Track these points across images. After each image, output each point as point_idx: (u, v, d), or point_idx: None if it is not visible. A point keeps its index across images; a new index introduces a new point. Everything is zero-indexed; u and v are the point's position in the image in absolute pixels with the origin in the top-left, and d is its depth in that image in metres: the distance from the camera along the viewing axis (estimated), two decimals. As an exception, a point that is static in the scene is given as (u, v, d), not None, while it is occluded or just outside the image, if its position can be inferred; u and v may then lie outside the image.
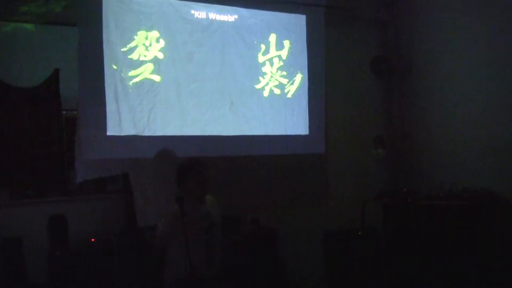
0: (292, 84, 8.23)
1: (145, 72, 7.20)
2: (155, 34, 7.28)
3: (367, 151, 8.71)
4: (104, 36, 6.97)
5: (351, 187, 8.54)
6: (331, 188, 8.56)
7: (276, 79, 8.10)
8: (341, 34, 8.78)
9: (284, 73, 8.18)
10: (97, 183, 7.36)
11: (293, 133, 8.23)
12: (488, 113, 7.53)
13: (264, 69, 8.03)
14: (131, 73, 7.12)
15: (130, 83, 7.11)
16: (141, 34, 7.20)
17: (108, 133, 6.97)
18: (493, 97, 7.48)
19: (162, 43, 7.32)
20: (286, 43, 8.22)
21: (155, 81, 7.26)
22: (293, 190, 8.06)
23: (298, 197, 8.13)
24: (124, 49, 7.10)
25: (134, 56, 7.15)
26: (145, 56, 7.21)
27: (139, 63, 7.18)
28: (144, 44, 7.21)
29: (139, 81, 7.16)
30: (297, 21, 8.33)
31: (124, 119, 7.06)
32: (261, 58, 8.01)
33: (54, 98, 7.17)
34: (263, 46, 8.02)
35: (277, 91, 8.10)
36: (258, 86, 7.97)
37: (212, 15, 7.69)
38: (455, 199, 7.26)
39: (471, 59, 7.79)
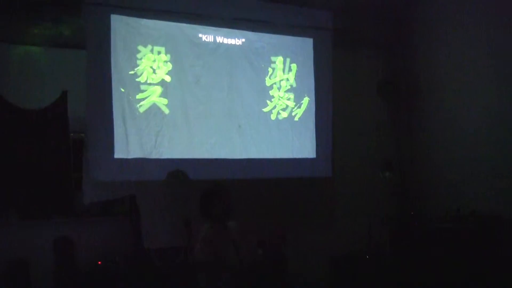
0: (299, 107, 8.28)
1: (153, 95, 7.27)
2: (162, 57, 7.38)
3: (374, 174, 8.63)
4: (112, 59, 7.08)
5: (358, 211, 8.46)
6: (338, 212, 8.56)
7: (283, 102, 8.15)
8: (348, 57, 8.82)
9: (291, 96, 8.23)
10: (104, 205, 7.37)
11: (300, 156, 8.24)
12: (498, 136, 7.49)
13: (271, 92, 8.09)
14: (139, 96, 7.21)
15: (138, 105, 7.19)
16: (149, 57, 7.30)
17: (115, 156, 7.05)
18: (503, 120, 7.46)
19: (169, 66, 7.41)
20: (293, 67, 8.27)
21: (163, 104, 7.33)
22: (299, 213, 8.03)
23: (304, 220, 8.10)
24: (132, 72, 7.19)
25: (141, 79, 7.25)
26: (152, 79, 7.30)
27: (147, 86, 7.27)
28: (151, 67, 7.31)
29: (147, 104, 7.23)
30: (304, 45, 8.39)
31: (132, 142, 7.13)
32: (268, 81, 8.07)
33: (62, 120, 7.18)
34: (270, 70, 8.10)
35: (284, 114, 8.14)
36: (265, 109, 8.02)
37: (219, 39, 7.78)
38: (462, 222, 7.21)
39: (478, 81, 7.78)
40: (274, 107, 8.08)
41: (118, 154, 7.06)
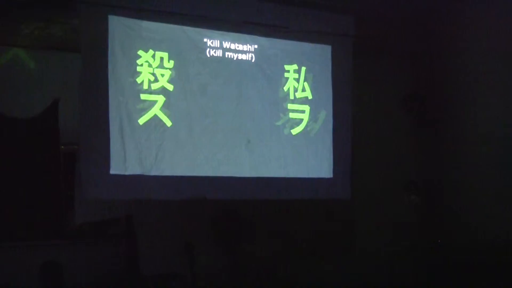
0: (315, 121, 8.14)
1: (154, 105, 7.16)
2: (165, 63, 7.24)
3: (398, 197, 8.58)
4: (110, 65, 6.94)
5: (380, 237, 8.39)
6: (357, 239, 8.55)
7: (297, 116, 8.02)
8: (370, 67, 8.71)
9: (307, 109, 8.09)
10: (98, 226, 7.35)
11: (315, 176, 8.10)
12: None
13: (284, 104, 7.96)
14: (139, 106, 7.08)
15: (137, 116, 7.06)
16: (150, 63, 7.17)
17: (112, 172, 6.91)
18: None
19: (173, 74, 7.28)
20: (310, 76, 8.13)
21: (165, 116, 7.21)
22: (315, 239, 8.00)
23: (320, 247, 8.05)
24: (131, 79, 7.05)
25: (142, 87, 7.11)
26: (154, 88, 7.17)
27: (148, 95, 7.14)
28: (153, 74, 7.17)
29: (147, 115, 7.12)
30: (322, 52, 8.26)
31: (130, 157, 7.00)
32: (281, 92, 7.95)
33: (52, 131, 7.19)
34: (283, 79, 7.97)
35: (298, 129, 8.01)
36: (277, 123, 7.89)
37: (228, 44, 7.67)
38: (499, 253, 7.07)
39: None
40: (288, 120, 7.95)
41: (115, 170, 6.92)
